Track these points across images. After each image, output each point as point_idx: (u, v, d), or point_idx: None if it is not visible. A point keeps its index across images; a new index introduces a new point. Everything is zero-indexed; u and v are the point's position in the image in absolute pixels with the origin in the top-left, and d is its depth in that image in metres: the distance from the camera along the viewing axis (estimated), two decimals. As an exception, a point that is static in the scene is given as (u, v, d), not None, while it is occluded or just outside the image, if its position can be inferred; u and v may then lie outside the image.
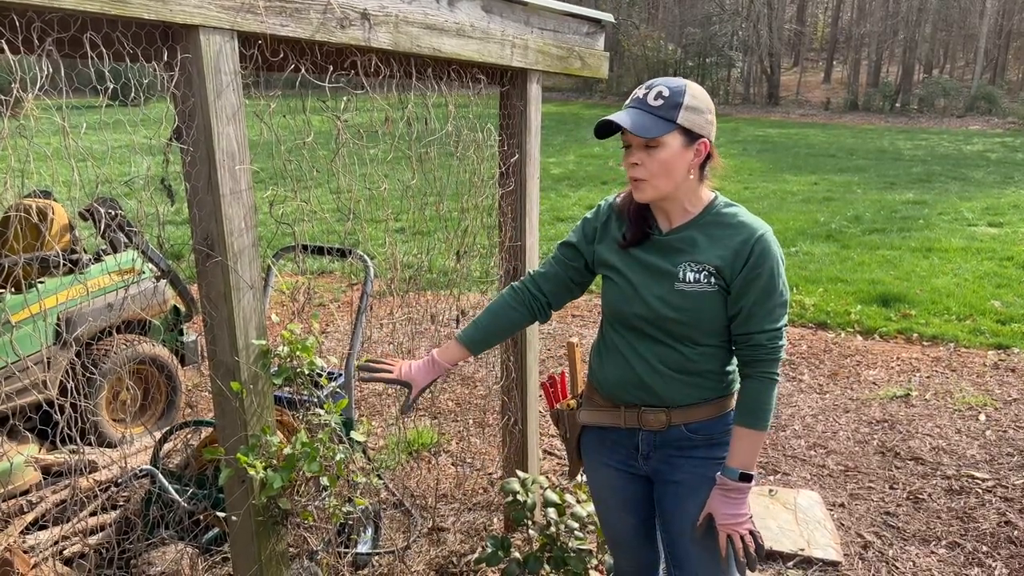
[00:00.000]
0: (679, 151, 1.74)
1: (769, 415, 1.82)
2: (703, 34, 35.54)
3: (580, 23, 2.86)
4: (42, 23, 1.39)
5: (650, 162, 1.74)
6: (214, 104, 1.60)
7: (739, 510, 1.82)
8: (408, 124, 2.30)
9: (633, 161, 1.76)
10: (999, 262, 8.31)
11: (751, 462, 1.82)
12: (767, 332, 1.78)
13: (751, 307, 1.77)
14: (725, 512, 1.82)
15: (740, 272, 1.76)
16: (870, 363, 5.61)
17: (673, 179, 1.76)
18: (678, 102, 1.72)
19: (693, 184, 1.81)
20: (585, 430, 2.07)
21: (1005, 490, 3.77)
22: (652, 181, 1.76)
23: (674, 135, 1.72)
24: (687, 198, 1.82)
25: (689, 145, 1.75)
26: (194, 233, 1.72)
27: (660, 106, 1.72)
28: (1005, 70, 39.23)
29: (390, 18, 1.98)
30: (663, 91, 1.73)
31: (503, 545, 2.52)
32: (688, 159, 1.76)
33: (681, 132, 1.73)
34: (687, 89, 1.75)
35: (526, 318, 2.05)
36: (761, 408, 1.81)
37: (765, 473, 3.99)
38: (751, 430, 1.81)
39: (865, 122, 28.47)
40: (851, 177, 15.10)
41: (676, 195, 1.80)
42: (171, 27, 1.54)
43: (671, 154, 1.73)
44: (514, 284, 2.09)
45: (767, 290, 1.76)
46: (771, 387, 1.81)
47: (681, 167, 1.76)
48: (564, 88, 36.58)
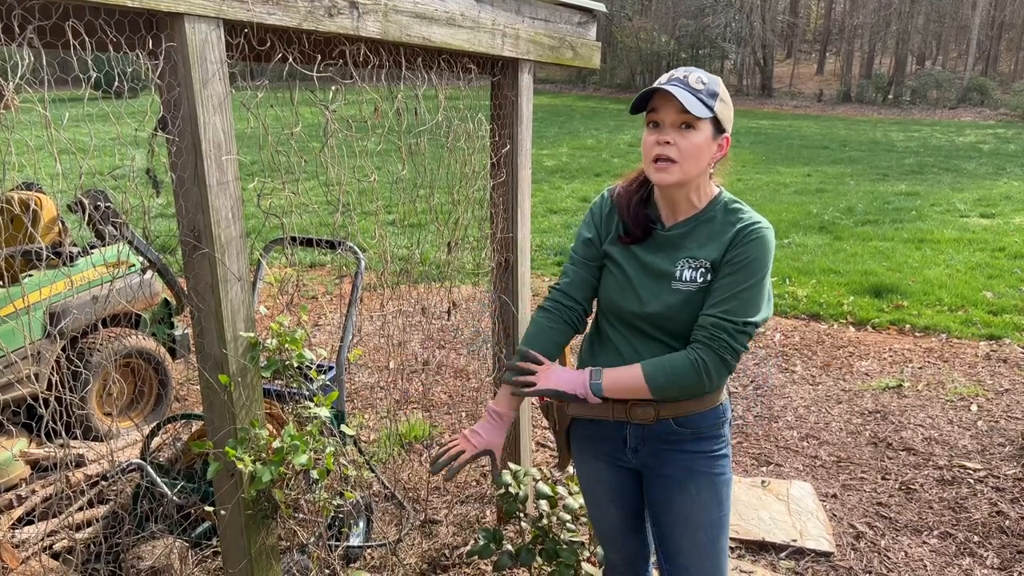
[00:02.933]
0: (708, 140, 1.72)
1: (667, 388, 1.74)
2: (696, 25, 35.51)
3: (572, 12, 2.84)
4: (23, 10, 1.36)
5: (683, 143, 1.70)
6: (200, 93, 1.58)
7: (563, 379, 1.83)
8: (398, 115, 2.28)
9: (666, 139, 1.71)
10: (991, 253, 8.33)
11: (610, 386, 1.79)
12: (729, 320, 1.69)
13: (726, 289, 1.71)
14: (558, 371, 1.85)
15: (724, 255, 1.73)
16: (862, 354, 5.62)
17: (699, 166, 1.73)
18: (715, 92, 1.71)
19: (706, 178, 1.80)
20: (574, 422, 2.06)
21: (997, 480, 3.78)
22: (681, 163, 1.71)
23: (708, 123, 1.70)
24: (697, 191, 1.80)
25: (716, 137, 1.74)
26: (181, 225, 1.70)
27: (701, 90, 1.69)
28: (997, 61, 39.33)
29: (379, 6, 1.95)
30: (702, 78, 1.71)
31: (495, 537, 2.51)
32: (712, 151, 1.74)
33: (713, 122, 1.71)
34: (719, 82, 1.74)
35: (569, 334, 1.96)
36: (668, 374, 1.73)
37: (757, 464, 3.99)
38: (640, 376, 1.75)
39: (858, 113, 28.53)
40: (844, 168, 15.13)
41: (690, 185, 1.77)
42: (156, 15, 1.52)
43: (703, 140, 1.71)
44: (544, 305, 1.98)
45: (743, 275, 1.70)
46: (691, 371, 1.72)
47: (707, 156, 1.73)
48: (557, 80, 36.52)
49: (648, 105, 1.73)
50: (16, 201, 3.67)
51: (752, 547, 3.22)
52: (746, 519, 3.36)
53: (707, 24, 35.40)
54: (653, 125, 1.74)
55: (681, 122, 1.69)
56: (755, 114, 27.42)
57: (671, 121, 1.70)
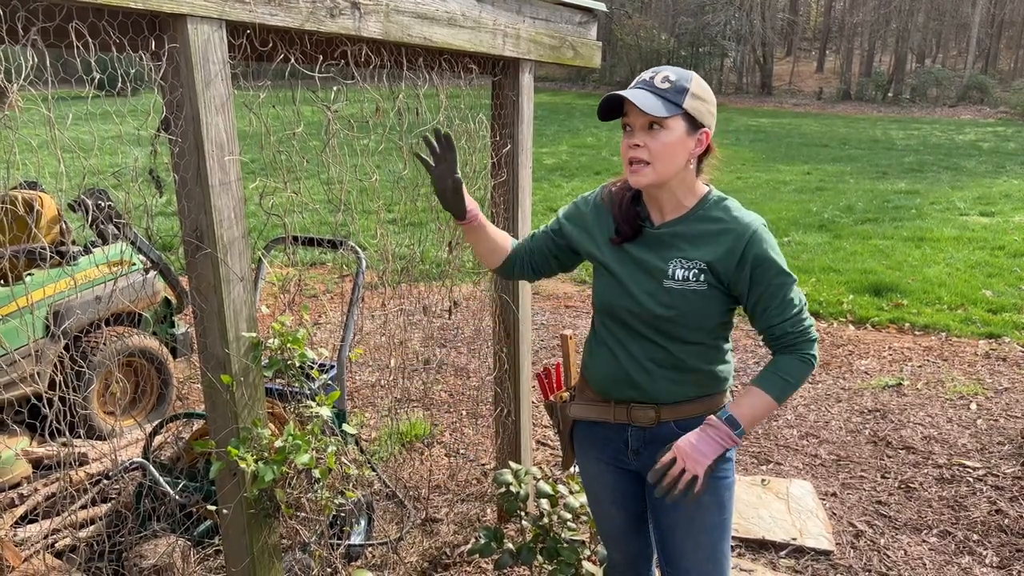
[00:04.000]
0: (682, 137, 1.72)
1: (789, 390, 1.79)
2: (696, 23, 35.46)
3: (572, 12, 2.84)
4: (27, 12, 1.37)
5: (653, 144, 1.71)
6: (203, 94, 1.58)
7: (706, 448, 1.75)
8: (399, 114, 2.29)
9: (635, 143, 1.72)
10: (990, 251, 8.34)
11: (748, 418, 1.77)
12: (789, 319, 1.77)
13: (763, 304, 1.76)
14: (693, 443, 1.76)
15: (737, 271, 1.74)
16: (862, 353, 5.63)
17: (674, 165, 1.73)
18: (684, 87, 1.71)
19: (690, 175, 1.79)
20: (577, 424, 2.06)
21: (996, 479, 3.79)
22: (653, 165, 1.72)
23: (678, 120, 1.70)
24: (682, 189, 1.80)
25: (692, 133, 1.73)
26: (183, 225, 1.71)
27: (667, 89, 1.70)
28: (997, 59, 39.28)
29: (380, 7, 1.96)
30: (669, 75, 1.72)
31: (496, 536, 2.52)
32: (690, 147, 1.74)
33: (685, 118, 1.71)
34: (693, 77, 1.74)
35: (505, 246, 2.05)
36: (784, 380, 1.78)
37: (757, 463, 4.00)
38: (766, 394, 1.77)
39: (858, 112, 28.51)
40: (844, 167, 15.13)
41: (672, 185, 1.78)
42: (158, 16, 1.52)
43: (674, 138, 1.71)
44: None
45: (774, 284, 1.75)
46: (804, 367, 1.79)
47: (682, 154, 1.73)
48: (557, 78, 36.48)
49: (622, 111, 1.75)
50: (19, 200, 3.68)
51: (752, 545, 3.23)
52: (746, 517, 3.36)
53: (707, 22, 35.35)
54: (628, 129, 1.76)
55: (649, 123, 1.71)
56: (755, 112, 27.42)
57: (639, 124, 1.72)
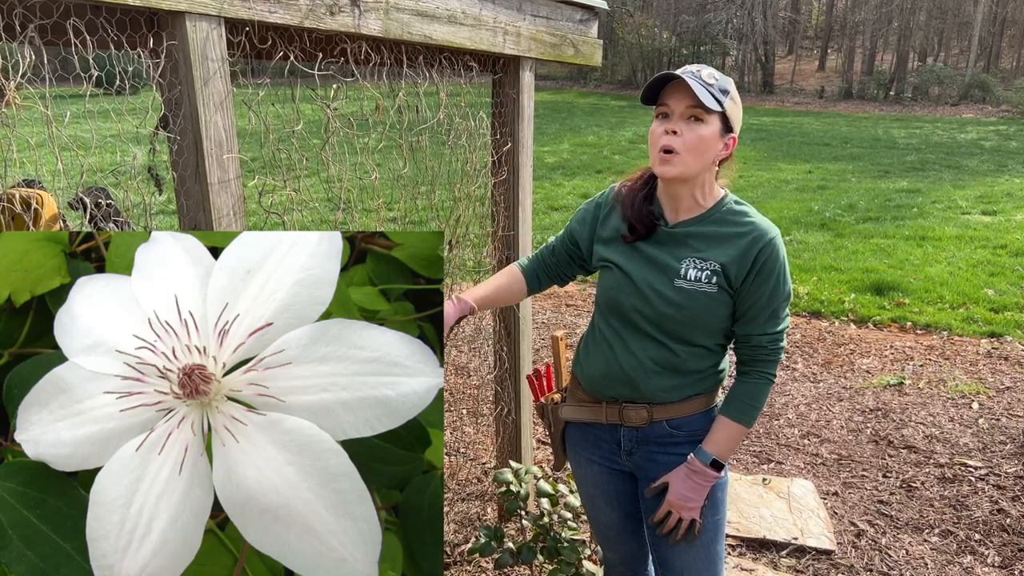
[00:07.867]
0: (716, 135, 1.70)
1: (757, 413, 1.81)
2: (697, 22, 35.46)
3: (573, 10, 2.83)
4: (23, 9, 1.36)
5: (689, 134, 1.68)
6: (201, 92, 1.58)
7: (695, 495, 1.80)
8: (399, 112, 2.28)
9: (672, 129, 1.69)
10: (992, 250, 8.33)
11: (726, 452, 1.80)
12: (769, 335, 1.77)
13: (755, 311, 1.76)
14: (681, 491, 1.80)
15: (747, 276, 1.73)
16: (864, 352, 5.62)
17: (702, 161, 1.71)
18: (726, 89, 1.70)
19: (711, 177, 1.78)
20: (569, 425, 2.05)
21: (998, 478, 3.78)
22: (684, 156, 1.69)
23: (716, 118, 1.69)
24: (701, 189, 1.78)
25: (723, 135, 1.72)
26: (182, 223, 1.70)
27: (713, 85, 1.68)
28: (999, 58, 39.25)
29: (380, 4, 1.95)
30: (714, 74, 1.70)
31: (496, 535, 2.51)
32: (717, 148, 1.72)
33: (721, 119, 1.70)
34: (731, 82, 1.74)
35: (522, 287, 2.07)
36: (751, 405, 1.80)
37: (759, 462, 3.99)
38: (735, 423, 1.79)
39: (860, 110, 28.48)
40: (845, 165, 15.11)
41: (695, 183, 1.76)
42: (156, 13, 1.52)
43: (710, 134, 1.69)
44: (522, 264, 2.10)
45: (772, 295, 1.75)
46: (766, 387, 1.81)
47: (712, 152, 1.72)
48: (558, 76, 36.48)
49: (659, 99, 1.72)
50: (17, 199, 3.67)
51: (753, 545, 3.22)
52: (747, 517, 3.36)
53: (708, 20, 35.35)
54: (662, 116, 1.72)
55: (690, 114, 1.68)
56: (756, 111, 27.38)
57: (680, 112, 1.68)
